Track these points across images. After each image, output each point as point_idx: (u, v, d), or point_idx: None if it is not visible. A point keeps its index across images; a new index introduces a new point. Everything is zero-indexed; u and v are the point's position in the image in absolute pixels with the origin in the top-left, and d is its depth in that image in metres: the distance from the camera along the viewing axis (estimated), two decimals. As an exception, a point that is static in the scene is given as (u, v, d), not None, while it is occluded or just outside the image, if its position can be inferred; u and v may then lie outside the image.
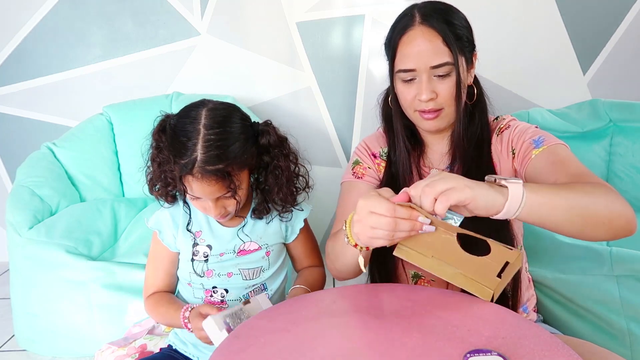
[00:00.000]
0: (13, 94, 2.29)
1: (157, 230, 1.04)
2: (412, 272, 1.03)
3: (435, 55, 0.88)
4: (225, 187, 0.90)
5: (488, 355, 0.60)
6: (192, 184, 0.89)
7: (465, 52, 0.92)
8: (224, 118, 0.91)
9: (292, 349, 0.66)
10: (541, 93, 2.17)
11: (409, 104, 0.94)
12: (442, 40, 0.88)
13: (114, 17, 2.19)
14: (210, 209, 0.94)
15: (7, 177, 2.41)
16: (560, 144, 0.89)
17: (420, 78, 0.90)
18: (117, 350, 1.29)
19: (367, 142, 1.09)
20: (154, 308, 1.05)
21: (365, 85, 2.21)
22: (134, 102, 2.14)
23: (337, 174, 2.35)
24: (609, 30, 2.12)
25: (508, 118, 1.02)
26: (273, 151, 0.98)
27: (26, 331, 1.65)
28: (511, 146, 0.96)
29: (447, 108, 0.92)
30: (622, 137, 1.81)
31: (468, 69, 0.95)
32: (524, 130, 0.95)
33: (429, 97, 0.90)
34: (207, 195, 0.91)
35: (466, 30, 0.93)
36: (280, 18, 2.17)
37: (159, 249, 1.06)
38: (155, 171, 0.97)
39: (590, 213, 0.72)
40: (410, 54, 0.90)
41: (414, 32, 0.90)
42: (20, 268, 1.60)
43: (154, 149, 0.96)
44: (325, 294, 0.87)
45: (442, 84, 0.90)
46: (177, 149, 0.88)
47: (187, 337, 1.08)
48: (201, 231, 1.03)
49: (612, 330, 1.25)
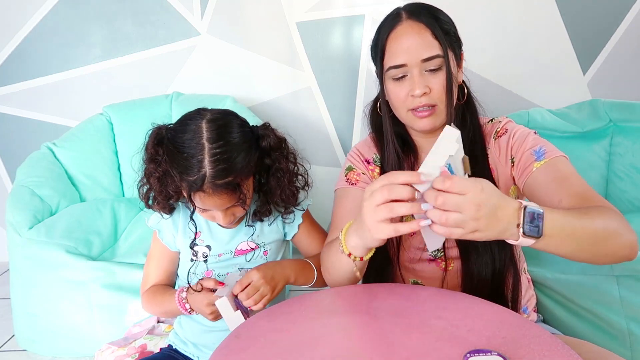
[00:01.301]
0: (13, 94, 2.29)
1: (157, 229, 1.05)
2: (412, 279, 1.03)
3: (426, 48, 0.87)
4: (235, 198, 0.90)
5: (488, 355, 0.60)
6: (204, 200, 0.89)
7: (455, 48, 0.92)
8: (226, 128, 0.89)
9: (292, 349, 0.66)
10: (541, 93, 2.17)
11: (401, 103, 0.92)
12: (431, 33, 0.88)
13: (114, 17, 2.19)
14: (220, 219, 0.94)
15: (7, 177, 2.41)
16: (561, 156, 0.88)
17: (411, 74, 0.89)
18: (117, 350, 1.29)
19: (359, 149, 1.08)
20: (150, 299, 1.05)
21: (365, 85, 2.21)
22: (134, 102, 2.14)
23: (337, 174, 2.34)
24: (609, 30, 2.11)
25: (504, 121, 1.00)
26: (274, 154, 0.98)
27: (26, 331, 1.65)
28: (510, 154, 0.94)
29: (440, 104, 0.90)
30: (622, 137, 1.81)
31: (458, 66, 0.94)
32: (523, 137, 0.93)
33: (422, 91, 0.88)
34: (218, 207, 0.91)
35: (453, 27, 0.93)
36: (280, 18, 2.17)
37: (159, 248, 1.06)
38: (154, 185, 0.96)
39: (601, 243, 0.72)
40: (399, 49, 0.89)
41: (402, 28, 0.90)
42: (20, 268, 1.60)
43: (150, 163, 0.95)
44: (325, 294, 0.87)
45: (434, 78, 0.89)
46: (183, 166, 0.87)
47: (187, 337, 1.08)
48: (201, 232, 1.03)
49: (612, 330, 1.25)
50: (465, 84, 0.98)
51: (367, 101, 2.21)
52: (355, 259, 0.79)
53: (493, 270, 0.92)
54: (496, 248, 0.91)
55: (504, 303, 0.94)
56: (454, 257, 0.97)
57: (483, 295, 0.84)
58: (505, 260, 0.92)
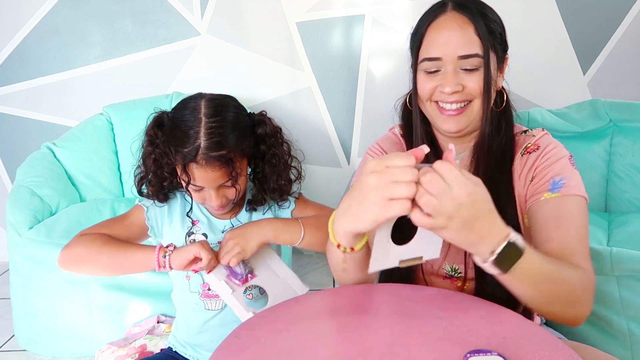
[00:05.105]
0: (13, 94, 2.29)
1: (145, 207, 1.02)
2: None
3: (465, 44, 0.81)
4: (227, 175, 0.92)
5: (488, 355, 0.60)
6: (196, 172, 0.90)
7: (498, 50, 0.85)
8: (223, 107, 0.93)
9: (292, 349, 0.66)
10: (541, 93, 2.17)
11: (426, 94, 0.85)
12: (474, 30, 0.81)
13: (114, 17, 2.19)
14: (212, 198, 0.94)
15: (7, 177, 2.41)
16: (577, 195, 0.80)
17: (445, 69, 0.83)
18: (117, 350, 1.29)
19: (381, 144, 1.01)
20: (91, 242, 0.94)
21: (365, 85, 2.21)
22: (134, 102, 2.14)
23: (337, 174, 2.35)
24: (609, 30, 2.11)
25: (538, 135, 0.90)
26: (269, 140, 0.99)
27: (26, 331, 1.65)
28: (533, 172, 0.86)
29: (474, 101, 0.84)
30: (622, 137, 1.81)
31: (499, 70, 0.87)
32: (554, 159, 0.85)
33: (453, 89, 0.82)
34: (210, 183, 0.92)
35: (500, 29, 0.87)
36: (280, 18, 2.16)
37: (137, 216, 1.02)
38: (149, 167, 0.97)
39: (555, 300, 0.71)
40: (437, 41, 0.83)
41: (444, 19, 0.83)
42: (20, 268, 1.60)
43: (147, 146, 0.96)
44: (325, 294, 0.86)
45: (470, 77, 0.82)
46: (179, 138, 0.89)
47: (184, 338, 1.08)
48: (198, 220, 1.03)
49: (612, 330, 1.25)
50: (505, 90, 0.91)
51: (367, 101, 2.23)
52: (345, 250, 0.71)
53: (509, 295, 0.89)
54: None
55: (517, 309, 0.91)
56: (470, 278, 0.92)
57: None
58: None
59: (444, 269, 0.95)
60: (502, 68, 0.90)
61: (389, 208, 0.60)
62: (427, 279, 0.97)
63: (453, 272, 0.95)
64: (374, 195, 0.60)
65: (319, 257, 2.40)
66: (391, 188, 0.59)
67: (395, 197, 0.59)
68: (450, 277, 0.95)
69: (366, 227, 0.64)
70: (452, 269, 0.95)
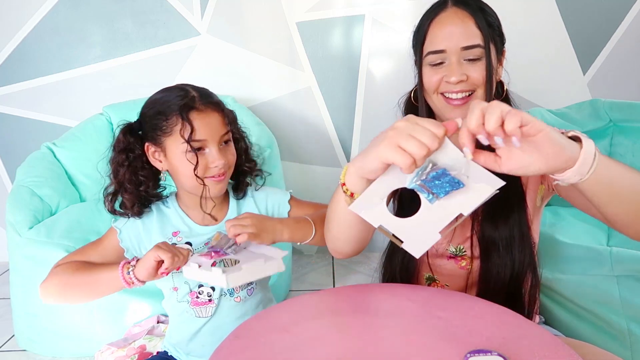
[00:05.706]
0: (13, 94, 2.29)
1: (119, 229, 1.01)
2: (427, 274, 1.01)
3: (467, 36, 0.87)
4: (225, 124, 0.96)
5: (488, 355, 0.60)
6: (197, 120, 0.91)
7: (497, 42, 0.91)
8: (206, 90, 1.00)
9: (292, 349, 0.66)
10: (541, 93, 2.17)
11: (433, 86, 0.90)
12: (475, 23, 0.87)
13: (114, 17, 2.19)
14: (215, 158, 0.92)
15: (7, 177, 2.41)
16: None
17: (449, 60, 0.88)
18: (116, 351, 1.29)
19: None
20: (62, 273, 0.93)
21: (365, 85, 2.21)
22: (134, 102, 2.14)
23: (337, 174, 2.34)
24: (609, 30, 2.11)
25: None
26: (234, 125, 1.03)
27: (26, 331, 1.65)
28: None
29: (478, 91, 0.89)
30: (622, 137, 1.81)
31: (498, 61, 0.93)
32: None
33: (458, 79, 0.87)
34: (212, 132, 0.92)
35: (497, 21, 0.93)
36: (280, 18, 2.16)
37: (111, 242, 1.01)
38: (122, 176, 0.97)
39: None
40: (441, 34, 0.88)
41: (445, 14, 0.89)
42: (20, 268, 1.60)
43: (118, 156, 0.98)
44: (325, 294, 0.87)
45: (473, 67, 0.88)
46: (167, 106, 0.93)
47: (180, 347, 1.06)
48: (179, 231, 1.01)
49: (612, 330, 1.25)
50: (503, 81, 0.97)
51: (367, 101, 2.23)
52: (347, 192, 0.76)
53: (512, 273, 0.90)
54: (517, 251, 0.89)
55: (520, 307, 0.92)
56: (475, 256, 0.95)
57: (499, 297, 0.83)
58: (524, 264, 0.90)
59: (448, 249, 0.97)
60: (501, 60, 0.95)
61: (393, 153, 0.65)
62: (430, 262, 0.99)
63: (458, 251, 0.97)
64: (391, 136, 0.66)
65: (319, 257, 2.40)
66: (405, 138, 0.64)
67: (403, 147, 0.64)
68: (455, 257, 0.97)
69: (370, 163, 0.69)
70: (456, 249, 0.97)
